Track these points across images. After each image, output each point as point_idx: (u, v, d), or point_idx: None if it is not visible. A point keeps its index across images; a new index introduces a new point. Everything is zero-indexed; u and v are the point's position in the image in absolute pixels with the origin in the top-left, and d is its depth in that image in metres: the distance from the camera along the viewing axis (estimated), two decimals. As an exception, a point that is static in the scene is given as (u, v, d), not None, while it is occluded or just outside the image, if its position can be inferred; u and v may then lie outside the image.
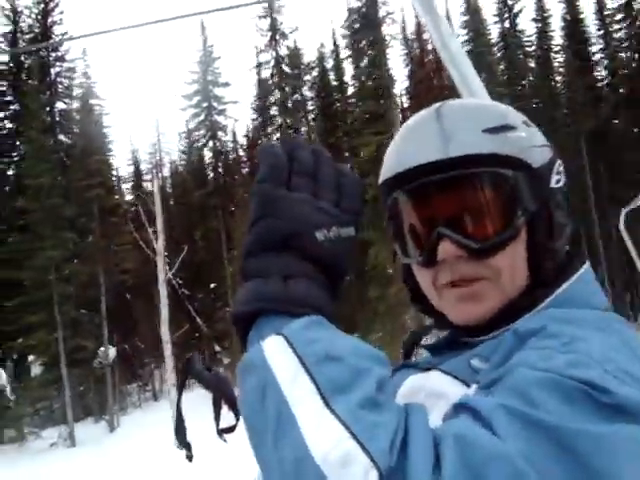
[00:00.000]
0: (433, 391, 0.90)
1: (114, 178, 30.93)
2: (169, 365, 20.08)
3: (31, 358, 28.27)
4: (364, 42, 24.33)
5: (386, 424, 0.64)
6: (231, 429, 0.84)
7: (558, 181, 1.01)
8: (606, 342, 0.79)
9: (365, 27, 23.49)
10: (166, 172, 41.84)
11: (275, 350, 0.71)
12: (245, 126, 55.87)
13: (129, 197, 34.02)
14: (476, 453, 0.63)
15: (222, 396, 0.87)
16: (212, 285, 32.12)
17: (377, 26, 22.78)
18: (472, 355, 0.91)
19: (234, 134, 35.05)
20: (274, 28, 24.31)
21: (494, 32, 33.58)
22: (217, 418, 0.86)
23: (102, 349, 26.84)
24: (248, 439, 0.72)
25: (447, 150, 0.92)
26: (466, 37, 28.68)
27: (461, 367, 0.90)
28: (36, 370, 28.44)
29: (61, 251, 23.43)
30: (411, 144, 0.97)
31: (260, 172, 0.82)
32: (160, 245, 20.67)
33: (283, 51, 26.24)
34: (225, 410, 0.87)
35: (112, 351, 28.08)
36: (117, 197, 30.51)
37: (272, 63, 23.78)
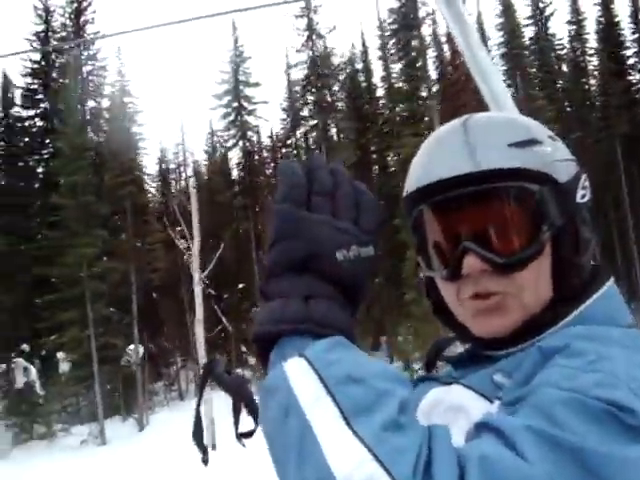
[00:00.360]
0: (453, 405, 0.90)
1: (145, 176, 30.90)
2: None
3: (59, 355, 28.34)
4: (401, 43, 24.13)
5: (409, 446, 0.64)
6: (250, 434, 0.86)
7: (584, 196, 1.00)
8: (632, 360, 0.78)
9: (404, 27, 23.28)
10: (189, 172, 41.96)
11: (297, 372, 0.72)
12: (269, 127, 55.99)
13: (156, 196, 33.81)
14: (502, 475, 0.63)
15: (242, 400, 0.89)
16: (240, 285, 32.03)
17: (417, 26, 22.56)
18: (495, 370, 0.90)
19: (258, 134, 35.05)
20: (311, 28, 24.19)
21: (526, 35, 33.25)
22: (236, 422, 0.89)
23: (131, 347, 26.84)
24: (271, 458, 0.73)
25: (473, 164, 0.92)
26: (501, 39, 28.42)
27: (483, 382, 0.90)
28: (64, 367, 28.49)
29: (93, 249, 23.42)
30: (437, 157, 0.97)
31: (279, 192, 0.83)
32: (196, 244, 20.65)
33: (317, 51, 26.20)
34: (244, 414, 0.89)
35: (140, 350, 28.11)
36: (150, 195, 30.54)
37: (308, 63, 23.61)
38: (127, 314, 25.71)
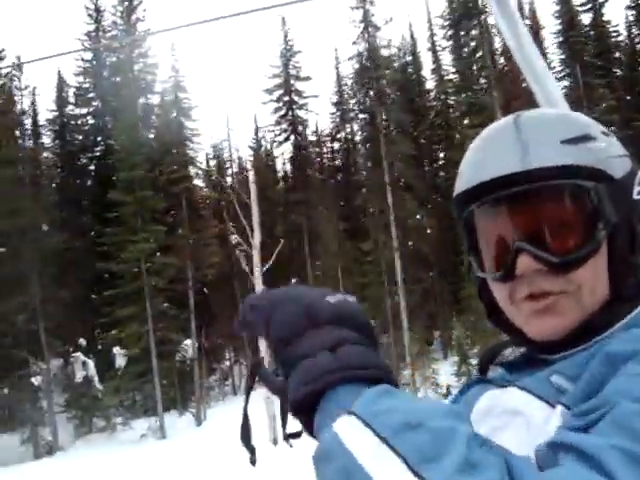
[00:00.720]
0: (509, 408, 0.86)
1: (199, 172, 31.01)
2: (266, 360, 19.90)
3: (115, 350, 28.66)
4: (461, 33, 23.69)
5: None
6: (298, 434, 0.83)
7: None
8: None
9: (466, 17, 22.84)
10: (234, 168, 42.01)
11: (349, 431, 0.66)
12: (314, 122, 55.86)
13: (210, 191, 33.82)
14: None
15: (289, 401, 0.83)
16: (293, 280, 31.92)
17: (478, 14, 22.06)
18: (552, 371, 0.86)
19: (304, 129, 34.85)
20: (367, 19, 23.93)
21: (582, 22, 32.33)
22: (284, 423, 0.87)
23: (187, 342, 26.97)
24: None
25: (526, 162, 0.89)
26: (558, 27, 27.72)
27: (540, 384, 0.85)
28: (120, 362, 28.80)
29: (151, 244, 23.55)
30: (488, 156, 0.94)
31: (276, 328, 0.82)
32: (256, 239, 20.54)
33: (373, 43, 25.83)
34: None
35: (191, 344, 28.23)
36: (206, 190, 30.64)
37: (364, 55, 23.36)
38: (184, 309, 25.78)
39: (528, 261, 0.90)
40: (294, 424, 0.81)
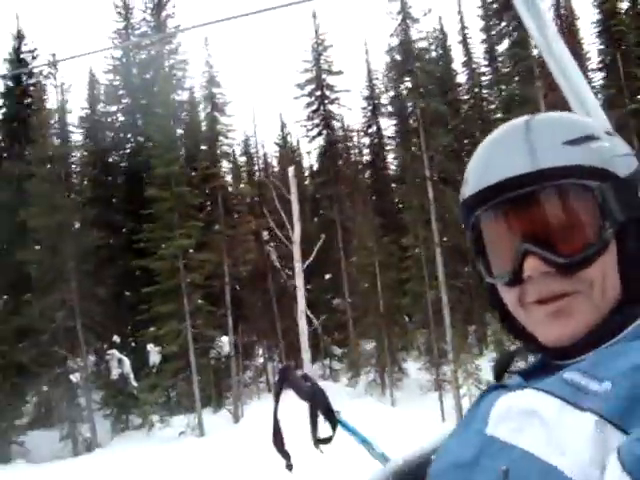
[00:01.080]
0: (523, 409, 0.85)
1: (233, 167, 30.79)
2: (306, 357, 19.81)
3: (149, 347, 28.61)
4: (505, 22, 23.29)
5: None
6: (328, 440, 0.92)
7: None
8: None
9: (505, 7, 22.43)
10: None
11: None
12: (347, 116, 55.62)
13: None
14: None
15: (318, 407, 0.94)
16: (327, 276, 31.73)
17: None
18: (565, 370, 0.86)
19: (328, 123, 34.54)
20: (405, 11, 23.58)
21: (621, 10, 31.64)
22: (314, 429, 0.95)
23: (224, 339, 26.83)
24: None
25: (531, 165, 0.90)
26: (598, 16, 27.12)
27: (554, 383, 0.85)
28: (154, 359, 28.75)
29: (189, 240, 23.43)
30: (494, 160, 0.95)
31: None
32: (296, 233, 20.41)
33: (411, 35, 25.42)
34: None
35: (227, 341, 28.09)
36: (242, 186, 30.51)
37: (402, 47, 22.98)
38: (219, 306, 25.65)
39: (535, 263, 0.90)
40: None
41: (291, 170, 20.47)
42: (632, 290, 0.92)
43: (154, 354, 28.79)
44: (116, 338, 29.43)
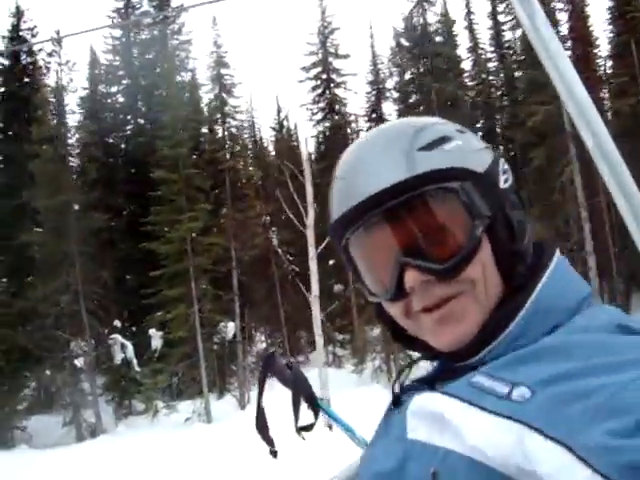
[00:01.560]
0: (434, 412, 0.85)
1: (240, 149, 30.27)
2: (319, 343, 19.55)
3: (151, 332, 28.25)
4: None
5: None
6: (309, 427, 0.93)
7: (506, 180, 0.97)
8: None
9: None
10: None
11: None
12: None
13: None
14: None
15: (301, 394, 0.98)
16: (330, 262, 31.40)
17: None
18: (473, 374, 0.85)
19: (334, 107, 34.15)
20: (421, -7, 23.17)
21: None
22: (296, 416, 0.97)
23: (230, 324, 26.49)
24: None
25: (388, 178, 0.89)
26: (609, 17, 26.75)
27: (462, 387, 0.85)
28: (156, 344, 28.40)
29: (198, 223, 23.03)
30: (351, 183, 0.94)
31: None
32: (310, 218, 20.04)
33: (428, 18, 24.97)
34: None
35: (232, 326, 27.79)
36: (251, 169, 30.07)
37: (419, 30, 22.53)
38: (226, 290, 25.30)
39: (414, 275, 0.89)
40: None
41: (305, 153, 20.07)
42: (512, 281, 0.93)
43: (156, 339, 28.44)
44: (117, 322, 29.03)
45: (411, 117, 1.05)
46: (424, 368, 1.10)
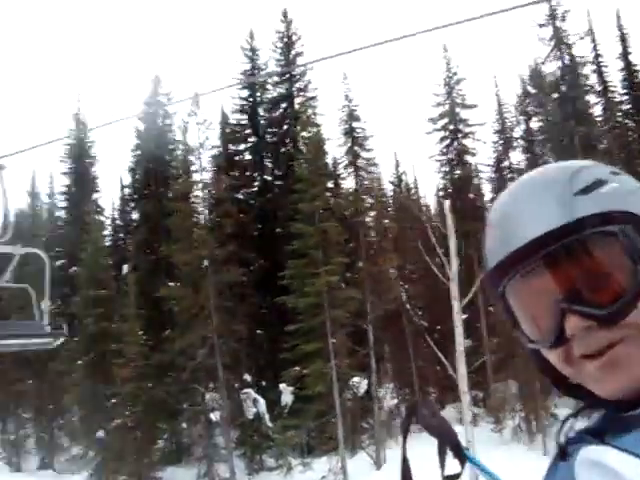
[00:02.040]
0: (608, 469, 0.78)
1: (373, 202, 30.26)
2: (465, 400, 18.68)
3: (282, 386, 28.08)
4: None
5: None
6: (457, 476, 0.87)
7: None
8: None
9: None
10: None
11: None
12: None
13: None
14: None
15: (447, 442, 0.94)
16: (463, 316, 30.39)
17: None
18: None
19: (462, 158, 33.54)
20: (558, 36, 22.51)
21: None
22: (442, 464, 0.93)
23: (357, 380, 25.88)
24: None
25: (547, 224, 0.87)
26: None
27: (637, 444, 0.78)
28: (286, 399, 28.16)
29: (335, 277, 22.85)
30: (509, 229, 0.92)
31: None
32: (454, 270, 19.39)
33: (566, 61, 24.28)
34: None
35: (364, 382, 27.19)
36: (387, 221, 29.91)
37: (559, 74, 21.87)
38: (361, 345, 24.84)
39: (576, 321, 0.86)
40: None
41: (447, 204, 19.57)
42: None
43: (287, 394, 28.22)
44: (247, 377, 29.08)
45: (562, 162, 0.97)
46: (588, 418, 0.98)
